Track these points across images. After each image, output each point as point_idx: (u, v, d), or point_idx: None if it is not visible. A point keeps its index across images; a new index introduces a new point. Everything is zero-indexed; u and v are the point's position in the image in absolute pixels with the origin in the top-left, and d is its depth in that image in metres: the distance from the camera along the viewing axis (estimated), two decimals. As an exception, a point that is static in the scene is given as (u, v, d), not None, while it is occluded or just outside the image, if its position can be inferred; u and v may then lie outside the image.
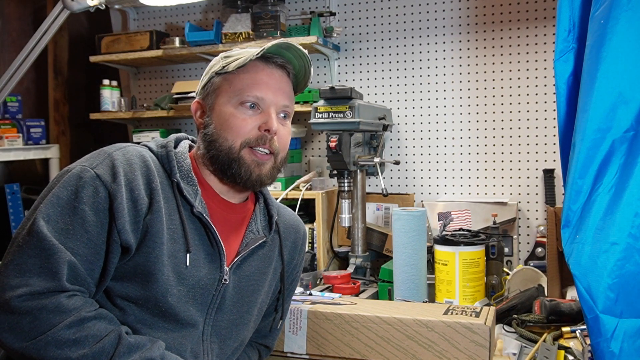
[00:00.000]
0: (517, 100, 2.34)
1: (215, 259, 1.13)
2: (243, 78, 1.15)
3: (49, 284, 0.94)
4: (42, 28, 2.14)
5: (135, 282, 1.04)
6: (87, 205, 0.99)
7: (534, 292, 1.73)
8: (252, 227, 1.22)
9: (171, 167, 1.12)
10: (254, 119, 1.14)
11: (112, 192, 1.01)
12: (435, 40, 2.44)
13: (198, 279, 1.10)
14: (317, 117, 1.99)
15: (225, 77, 1.16)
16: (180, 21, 2.85)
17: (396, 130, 2.51)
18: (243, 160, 1.13)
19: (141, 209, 1.03)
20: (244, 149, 1.13)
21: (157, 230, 1.04)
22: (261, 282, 1.23)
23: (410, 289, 1.80)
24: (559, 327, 1.54)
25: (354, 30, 2.57)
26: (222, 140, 1.14)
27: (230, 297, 1.16)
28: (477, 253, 1.79)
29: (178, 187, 1.10)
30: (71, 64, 3.14)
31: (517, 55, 2.33)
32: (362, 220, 2.18)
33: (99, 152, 1.08)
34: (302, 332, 1.45)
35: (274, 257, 1.27)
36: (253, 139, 1.14)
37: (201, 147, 1.17)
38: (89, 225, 0.99)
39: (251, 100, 1.14)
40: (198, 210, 1.11)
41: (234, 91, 1.14)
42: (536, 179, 2.32)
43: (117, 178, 1.02)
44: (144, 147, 1.14)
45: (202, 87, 1.20)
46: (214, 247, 1.13)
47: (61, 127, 3.12)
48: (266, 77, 1.16)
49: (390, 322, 1.37)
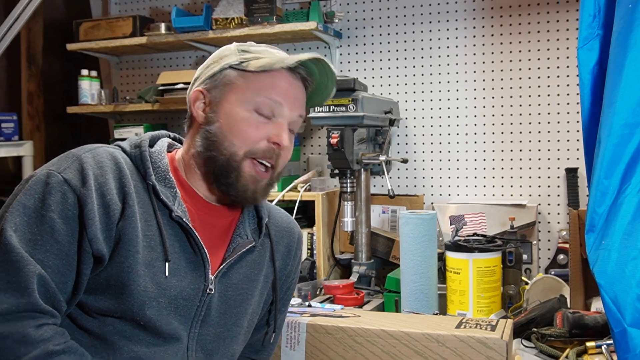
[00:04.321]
0: (537, 92, 2.34)
1: (198, 267, 1.13)
2: (264, 82, 1.14)
3: (18, 301, 0.94)
4: (14, 13, 2.14)
5: (109, 295, 1.04)
6: (55, 213, 0.99)
7: (556, 303, 1.73)
8: (240, 230, 1.22)
9: (145, 169, 1.11)
10: (265, 128, 1.14)
11: (82, 197, 1.01)
12: (446, 27, 2.44)
13: (180, 290, 1.10)
14: (316, 111, 1.99)
15: (243, 75, 1.15)
16: (166, 5, 2.85)
17: (404, 126, 2.51)
18: (242, 172, 1.13)
19: (113, 215, 1.03)
20: (246, 159, 1.13)
21: (130, 238, 1.04)
22: (250, 290, 1.23)
23: (419, 299, 1.80)
24: (583, 342, 1.54)
25: (357, 15, 2.57)
26: (228, 144, 1.13)
27: (216, 309, 1.16)
28: (492, 260, 1.79)
29: (154, 189, 1.10)
30: (46, 53, 3.14)
31: (537, 43, 2.33)
32: (366, 225, 2.18)
33: (66, 155, 1.07)
34: (301, 347, 1.45)
35: (265, 263, 1.27)
36: (260, 151, 1.14)
37: (198, 145, 1.16)
38: (59, 235, 0.99)
39: (269, 106, 1.14)
40: (177, 214, 1.10)
41: (251, 93, 1.14)
42: (558, 179, 2.32)
43: (86, 182, 1.02)
44: (116, 148, 1.14)
45: (210, 77, 1.18)
46: (196, 254, 1.13)
47: (35, 122, 3.12)
48: (288, 86, 1.16)
49: (397, 337, 1.37)
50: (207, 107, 1.17)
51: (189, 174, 1.18)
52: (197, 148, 1.16)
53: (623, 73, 1.09)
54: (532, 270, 2.21)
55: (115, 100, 2.83)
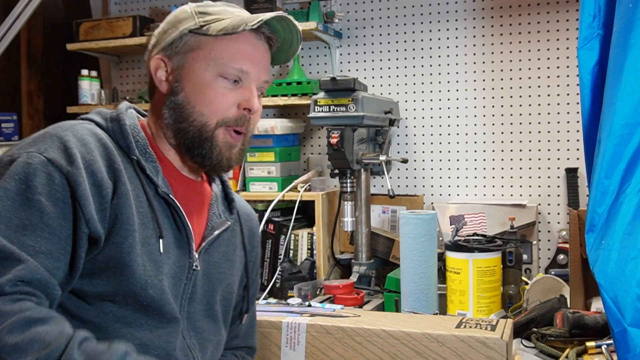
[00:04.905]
0: (537, 92, 2.34)
1: (183, 243, 1.11)
2: (227, 46, 1.10)
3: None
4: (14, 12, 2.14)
5: (108, 277, 1.00)
6: (42, 196, 0.93)
7: (556, 303, 1.73)
8: (214, 209, 1.20)
9: (128, 144, 1.07)
10: (233, 94, 1.11)
11: (71, 177, 0.95)
12: (447, 26, 2.44)
13: (170, 266, 1.08)
14: (316, 111, 1.99)
15: (204, 40, 1.10)
16: (166, 5, 2.86)
17: (404, 126, 2.51)
18: (216, 141, 1.11)
19: (106, 193, 0.99)
20: (219, 128, 1.11)
21: (127, 216, 1.01)
22: (229, 270, 1.22)
23: (419, 299, 1.80)
24: (583, 342, 1.54)
25: (357, 15, 2.57)
26: (197, 114, 1.10)
27: (201, 286, 1.14)
28: (492, 260, 1.79)
29: (139, 165, 1.07)
30: (46, 53, 3.14)
31: (537, 43, 2.33)
32: (366, 225, 2.18)
33: (42, 136, 1.00)
34: (301, 347, 1.45)
35: (237, 244, 1.26)
36: (232, 119, 1.11)
37: (166, 117, 1.12)
38: (49, 218, 0.93)
39: (235, 74, 1.10)
40: (163, 190, 1.08)
41: (214, 59, 1.10)
42: (558, 179, 2.32)
43: (73, 161, 0.96)
44: (90, 123, 1.08)
45: (170, 44, 1.12)
46: (181, 231, 1.11)
47: (35, 122, 3.12)
48: (252, 49, 1.12)
49: (397, 337, 1.37)
50: (170, 75, 1.13)
51: (160, 145, 1.14)
52: (166, 120, 1.12)
53: (623, 73, 1.09)
54: (532, 270, 2.21)
55: (115, 100, 2.83)
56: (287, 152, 2.45)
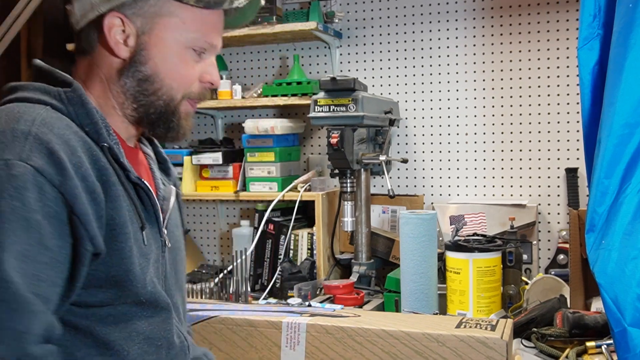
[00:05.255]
0: (537, 92, 2.34)
1: (153, 222, 1.04)
2: (203, 19, 1.03)
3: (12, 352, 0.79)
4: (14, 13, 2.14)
5: (109, 287, 0.94)
6: (39, 214, 0.82)
7: (556, 303, 1.73)
8: (156, 174, 1.13)
9: (97, 130, 0.95)
10: (198, 66, 1.05)
11: (66, 190, 0.85)
12: (447, 27, 2.44)
13: (152, 252, 1.02)
14: (316, 111, 1.99)
15: (179, 7, 1.00)
16: (166, 5, 2.85)
17: (404, 126, 2.51)
18: (180, 113, 1.05)
19: (100, 199, 0.90)
20: (183, 100, 1.05)
21: (123, 220, 0.94)
22: (180, 238, 1.17)
23: (419, 299, 1.80)
24: (583, 342, 1.54)
25: (357, 15, 2.57)
26: (167, 88, 1.02)
27: (169, 261, 1.10)
28: (492, 260, 1.79)
29: (111, 152, 0.96)
30: (46, 53, 3.14)
31: (537, 43, 2.33)
32: (366, 225, 2.18)
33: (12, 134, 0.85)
34: (301, 347, 1.45)
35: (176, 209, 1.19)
36: (195, 92, 1.06)
37: (128, 87, 1.01)
38: (47, 240, 0.84)
39: (204, 47, 1.04)
40: (136, 175, 1.00)
41: (188, 31, 1.01)
42: (558, 179, 2.32)
43: (63, 169, 0.85)
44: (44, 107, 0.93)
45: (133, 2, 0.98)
46: (149, 211, 1.03)
47: (35, 122, 3.12)
48: (220, 22, 1.07)
49: (397, 336, 1.37)
50: (129, 38, 1.00)
51: (109, 117, 1.02)
52: (127, 91, 1.02)
53: (623, 73, 1.09)
54: (532, 270, 2.21)
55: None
56: (287, 152, 2.45)
